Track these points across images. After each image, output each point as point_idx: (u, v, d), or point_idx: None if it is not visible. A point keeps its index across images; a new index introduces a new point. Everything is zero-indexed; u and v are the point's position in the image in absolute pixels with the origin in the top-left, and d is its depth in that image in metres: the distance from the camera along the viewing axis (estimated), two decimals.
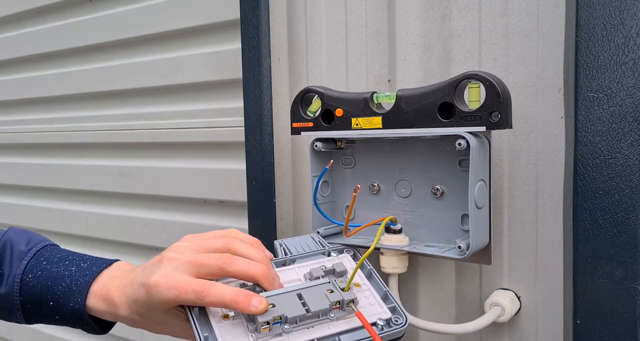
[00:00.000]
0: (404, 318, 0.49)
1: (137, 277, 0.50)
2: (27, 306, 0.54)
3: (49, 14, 1.24)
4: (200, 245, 0.51)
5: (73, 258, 0.56)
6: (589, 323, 0.55)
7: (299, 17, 0.77)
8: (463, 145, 0.55)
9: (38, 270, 0.54)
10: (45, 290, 0.53)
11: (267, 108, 0.79)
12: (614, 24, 0.52)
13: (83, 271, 0.54)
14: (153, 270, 0.48)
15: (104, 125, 1.16)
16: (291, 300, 0.47)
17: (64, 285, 0.53)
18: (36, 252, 0.56)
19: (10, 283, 0.54)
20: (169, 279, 0.47)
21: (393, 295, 0.52)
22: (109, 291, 0.51)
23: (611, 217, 0.53)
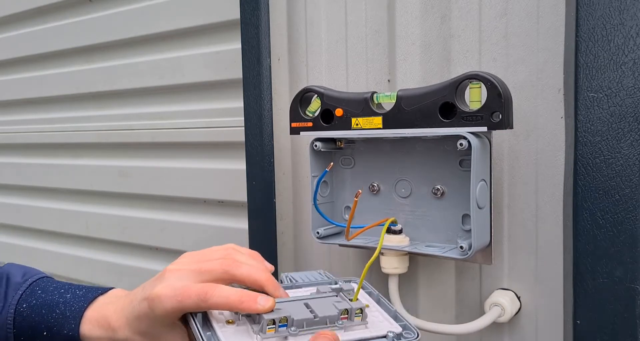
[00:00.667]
0: (415, 333, 0.48)
1: (137, 295, 0.49)
2: (21, 339, 0.52)
3: (49, 14, 1.24)
4: (202, 256, 0.50)
5: (69, 286, 0.55)
6: (589, 323, 0.55)
7: (299, 17, 0.77)
8: (464, 146, 0.55)
9: (32, 299, 0.53)
10: (39, 319, 0.52)
11: (267, 108, 0.79)
12: (614, 24, 0.52)
13: (78, 298, 0.52)
14: (155, 283, 0.47)
15: (104, 125, 1.16)
16: (298, 306, 0.46)
17: (57, 312, 0.51)
18: (32, 283, 0.55)
19: (4, 315, 0.52)
20: (172, 288, 0.46)
21: (403, 315, 0.51)
22: (106, 316, 0.50)
23: (611, 217, 0.53)
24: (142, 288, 0.49)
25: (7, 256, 1.46)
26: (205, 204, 1.01)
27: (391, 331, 0.45)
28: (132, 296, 0.50)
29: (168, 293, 0.45)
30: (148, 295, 0.46)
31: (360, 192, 0.54)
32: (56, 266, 1.32)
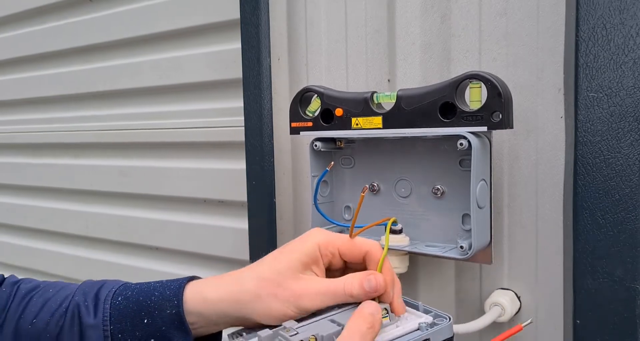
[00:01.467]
0: (447, 317, 0.47)
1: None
2: (119, 336, 0.50)
3: (49, 14, 1.24)
4: None
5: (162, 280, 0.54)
6: (589, 323, 0.55)
7: (299, 17, 0.77)
8: (465, 145, 0.55)
9: (127, 291, 0.51)
10: (137, 307, 0.50)
11: (267, 108, 0.79)
12: (614, 24, 0.52)
13: (174, 280, 0.52)
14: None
15: (104, 125, 1.16)
16: (323, 323, 0.45)
17: (156, 294, 0.50)
18: (124, 283, 0.54)
19: (100, 311, 0.50)
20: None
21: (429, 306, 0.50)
22: (211, 280, 0.50)
23: (611, 217, 0.53)
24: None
25: (7, 256, 1.46)
26: (205, 204, 1.01)
27: (423, 323, 0.45)
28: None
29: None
30: None
31: (366, 187, 0.54)
32: (56, 267, 1.32)
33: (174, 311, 0.49)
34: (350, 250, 0.49)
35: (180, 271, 1.06)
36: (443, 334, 0.45)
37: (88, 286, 0.53)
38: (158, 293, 0.50)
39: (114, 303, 0.51)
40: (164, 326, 0.49)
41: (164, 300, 0.50)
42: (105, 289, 0.52)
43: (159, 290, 0.51)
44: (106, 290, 0.52)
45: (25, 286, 0.54)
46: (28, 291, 0.53)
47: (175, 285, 0.51)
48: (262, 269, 0.49)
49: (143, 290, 0.51)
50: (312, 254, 0.48)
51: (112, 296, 0.51)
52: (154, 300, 0.50)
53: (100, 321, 0.50)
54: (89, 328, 0.50)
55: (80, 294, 0.52)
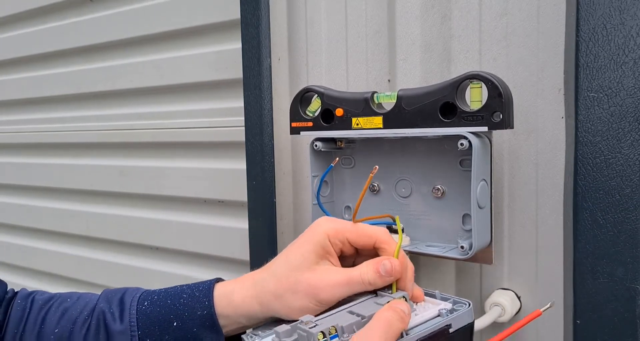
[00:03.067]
0: (466, 303, 0.46)
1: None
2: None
3: (50, 14, 1.24)
4: None
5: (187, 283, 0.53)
6: (589, 323, 0.55)
7: (299, 17, 0.77)
8: (465, 145, 0.55)
9: (154, 295, 0.51)
10: (166, 310, 0.49)
11: (267, 108, 0.79)
12: (614, 24, 0.52)
13: (202, 283, 0.51)
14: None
15: (104, 125, 1.16)
16: (343, 315, 0.45)
17: (185, 296, 0.49)
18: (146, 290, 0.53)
19: (126, 316, 0.49)
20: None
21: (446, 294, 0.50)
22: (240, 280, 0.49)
23: (611, 217, 0.53)
24: None
25: (8, 256, 1.46)
26: (206, 204, 1.01)
27: (443, 309, 0.45)
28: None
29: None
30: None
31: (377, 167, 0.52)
32: (56, 266, 1.32)
33: (205, 312, 0.48)
34: (359, 237, 0.49)
35: (181, 271, 1.06)
36: (464, 319, 0.45)
37: (110, 293, 0.52)
38: (187, 295, 0.50)
39: (140, 308, 0.50)
40: (195, 328, 0.48)
41: (194, 302, 0.49)
42: (129, 295, 0.51)
43: (187, 292, 0.50)
44: (130, 296, 0.51)
45: (41, 298, 0.53)
46: (45, 302, 0.52)
47: (205, 286, 0.50)
48: (278, 268, 0.49)
49: (170, 293, 0.51)
50: (323, 244, 0.48)
51: (137, 301, 0.50)
52: (183, 303, 0.49)
53: (128, 327, 0.49)
54: (116, 334, 0.49)
55: (104, 301, 0.51)
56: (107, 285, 1.21)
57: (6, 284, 0.54)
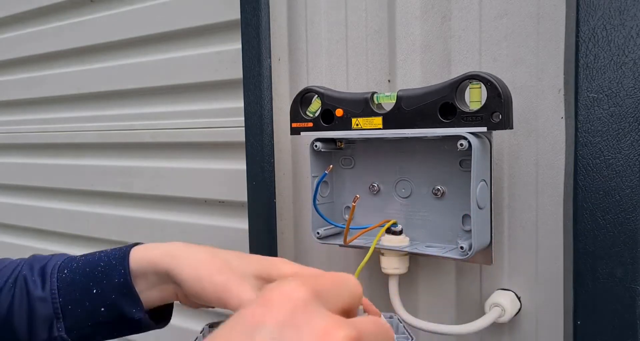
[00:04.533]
0: (410, 337, 0.46)
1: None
2: (69, 308, 0.50)
3: (51, 14, 1.24)
4: None
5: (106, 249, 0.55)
6: (589, 323, 0.55)
7: (299, 17, 0.77)
8: (465, 146, 0.55)
9: (73, 263, 0.52)
10: (85, 278, 0.50)
11: (267, 109, 0.79)
12: (614, 25, 0.52)
13: (119, 249, 0.52)
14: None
15: (104, 125, 1.16)
16: None
17: (102, 264, 0.50)
18: (68, 257, 0.54)
19: (47, 284, 0.51)
20: None
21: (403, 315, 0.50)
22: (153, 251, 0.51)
23: (611, 217, 0.53)
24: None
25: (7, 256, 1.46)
26: (206, 204, 1.01)
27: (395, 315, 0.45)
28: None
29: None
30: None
31: (358, 196, 0.54)
32: None
33: (122, 280, 0.49)
34: None
35: None
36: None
37: (35, 261, 0.54)
38: (103, 263, 0.51)
39: (60, 276, 0.51)
40: (113, 295, 0.49)
41: (110, 269, 0.50)
42: (51, 263, 0.53)
43: (104, 260, 0.51)
44: (52, 264, 0.52)
45: None
46: None
47: (120, 253, 0.51)
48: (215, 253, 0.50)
49: (89, 261, 0.52)
50: (270, 279, 0.48)
51: (57, 269, 0.52)
52: (100, 270, 0.50)
53: (49, 294, 0.50)
54: (38, 300, 0.50)
55: (27, 269, 0.53)
56: None
57: None
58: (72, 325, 0.50)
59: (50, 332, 0.51)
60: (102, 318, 0.50)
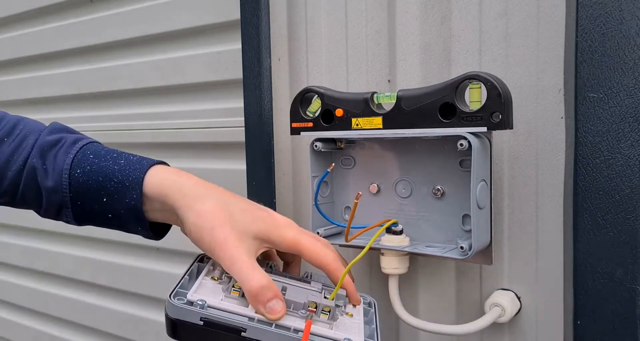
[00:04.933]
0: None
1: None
2: (78, 203, 0.51)
3: (50, 14, 1.24)
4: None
5: (121, 152, 0.54)
6: (589, 323, 0.55)
7: (299, 17, 0.77)
8: (465, 146, 0.55)
9: (87, 165, 0.51)
10: (97, 185, 0.50)
11: (267, 109, 0.79)
12: (614, 24, 0.52)
13: (136, 166, 0.51)
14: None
15: (104, 125, 1.16)
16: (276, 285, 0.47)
17: (115, 181, 0.50)
18: (82, 146, 0.54)
19: (57, 177, 0.51)
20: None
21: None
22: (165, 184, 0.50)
23: (611, 218, 0.53)
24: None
25: (7, 257, 1.46)
26: None
27: (347, 339, 0.44)
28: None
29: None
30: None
31: (360, 194, 0.54)
32: (56, 266, 1.32)
33: (132, 203, 0.50)
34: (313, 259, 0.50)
35: (182, 271, 1.05)
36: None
37: (45, 145, 0.53)
38: (117, 179, 0.50)
39: (72, 173, 0.51)
40: (122, 210, 0.50)
41: (123, 189, 0.50)
42: (62, 155, 0.52)
43: (118, 176, 0.50)
44: (63, 157, 0.52)
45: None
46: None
47: (136, 175, 0.50)
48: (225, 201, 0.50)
49: (102, 169, 0.51)
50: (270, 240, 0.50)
51: (70, 165, 0.51)
52: (113, 185, 0.50)
53: (60, 186, 0.51)
54: (48, 189, 0.51)
55: (37, 156, 0.52)
56: (108, 286, 1.21)
57: None
58: (79, 215, 0.52)
59: (59, 215, 0.53)
60: (107, 220, 0.51)
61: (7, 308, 1.49)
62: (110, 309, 1.21)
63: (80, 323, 1.29)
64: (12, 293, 1.46)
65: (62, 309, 1.33)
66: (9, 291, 1.47)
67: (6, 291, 1.48)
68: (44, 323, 1.39)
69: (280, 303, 0.44)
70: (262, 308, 0.44)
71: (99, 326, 1.24)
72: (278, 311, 0.44)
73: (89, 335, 1.28)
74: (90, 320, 1.26)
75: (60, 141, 0.54)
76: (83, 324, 1.28)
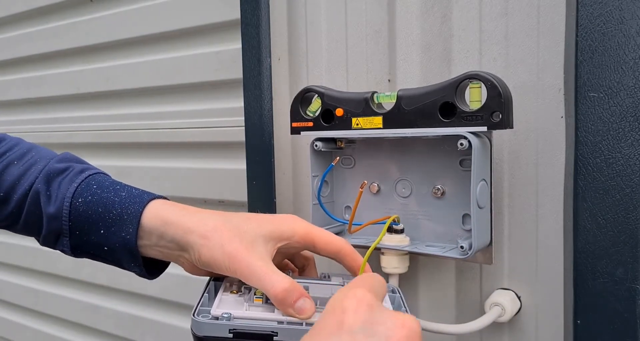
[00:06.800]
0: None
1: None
2: (76, 233, 0.51)
3: (50, 14, 1.24)
4: None
5: (124, 185, 0.54)
6: (589, 323, 0.55)
7: (299, 17, 0.77)
8: (465, 145, 0.55)
9: (88, 195, 0.51)
10: (96, 216, 0.50)
11: (267, 108, 0.79)
12: (614, 24, 0.52)
13: (136, 198, 0.51)
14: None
15: (104, 125, 1.16)
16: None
17: (114, 213, 0.50)
18: (88, 176, 0.54)
19: (59, 204, 0.51)
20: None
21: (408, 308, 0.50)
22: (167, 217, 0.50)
23: (612, 217, 0.53)
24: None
25: (7, 256, 1.46)
26: (206, 204, 1.01)
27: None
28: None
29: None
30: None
31: (365, 182, 0.54)
32: (56, 267, 1.32)
33: (128, 237, 0.49)
34: (326, 245, 0.50)
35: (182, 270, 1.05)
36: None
37: (52, 172, 0.53)
38: (116, 211, 0.50)
39: (74, 202, 0.51)
40: (117, 243, 0.50)
41: (121, 221, 0.49)
42: (66, 184, 0.52)
43: (117, 208, 0.50)
44: (67, 186, 0.52)
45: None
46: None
47: (135, 208, 0.50)
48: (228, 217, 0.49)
49: (103, 201, 0.51)
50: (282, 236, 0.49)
51: (72, 194, 0.51)
52: (111, 217, 0.50)
53: (60, 214, 0.51)
54: (49, 216, 0.51)
55: (43, 182, 0.53)
56: (108, 286, 1.21)
57: None
58: (76, 245, 0.51)
59: (56, 243, 0.53)
60: (103, 253, 0.51)
61: (7, 308, 1.49)
62: (110, 309, 1.21)
63: (80, 323, 1.29)
64: (12, 293, 1.46)
65: (62, 309, 1.33)
66: (9, 291, 1.47)
67: (6, 291, 1.48)
68: (44, 323, 1.39)
69: (308, 301, 0.44)
70: (291, 309, 0.43)
71: (99, 326, 1.24)
72: (308, 309, 0.43)
73: (89, 335, 1.28)
74: (90, 320, 1.26)
75: (68, 169, 0.54)
76: (83, 324, 1.28)
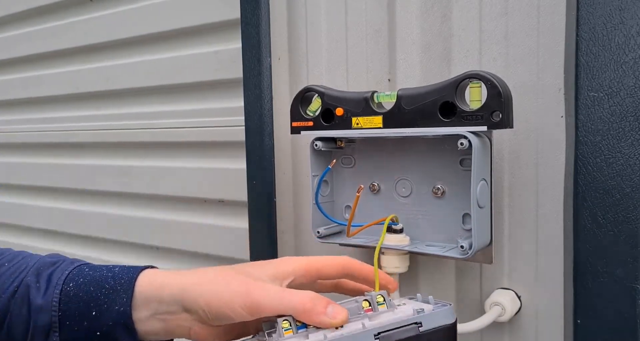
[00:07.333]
0: (447, 303, 0.46)
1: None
2: (66, 323, 0.48)
3: (50, 14, 1.24)
4: None
5: (117, 265, 0.52)
6: (590, 322, 0.55)
7: (299, 16, 0.77)
8: (465, 145, 0.55)
9: (80, 278, 0.49)
10: (87, 297, 0.47)
11: (267, 108, 0.79)
12: (615, 23, 0.52)
13: (128, 271, 0.49)
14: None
15: (104, 124, 1.16)
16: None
17: (107, 286, 0.48)
18: (80, 265, 0.51)
19: (50, 292, 0.48)
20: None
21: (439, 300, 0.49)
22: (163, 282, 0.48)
23: (612, 217, 0.53)
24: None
25: None
26: (206, 204, 1.01)
27: (419, 309, 0.43)
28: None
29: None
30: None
31: (362, 187, 0.54)
32: None
33: (122, 309, 0.47)
34: (330, 267, 0.49)
35: None
36: (439, 319, 0.44)
37: (43, 266, 0.51)
38: (109, 286, 0.48)
39: (64, 288, 0.48)
40: (110, 322, 0.47)
41: (113, 294, 0.47)
42: (58, 272, 0.50)
43: (110, 282, 0.48)
44: (59, 273, 0.50)
45: None
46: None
47: (127, 278, 0.48)
48: (227, 266, 0.48)
49: (95, 279, 0.49)
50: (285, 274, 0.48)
51: (63, 281, 0.49)
52: (104, 293, 0.48)
53: (49, 305, 0.48)
54: (37, 309, 0.48)
55: (33, 274, 0.50)
56: None
57: None
58: (67, 339, 0.48)
59: (47, 340, 0.49)
60: (96, 339, 0.48)
61: None
62: None
63: None
64: None
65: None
66: None
67: None
68: None
69: (337, 305, 0.42)
70: (324, 317, 0.41)
71: None
72: (340, 311, 0.42)
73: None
74: None
75: (59, 261, 0.52)
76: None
